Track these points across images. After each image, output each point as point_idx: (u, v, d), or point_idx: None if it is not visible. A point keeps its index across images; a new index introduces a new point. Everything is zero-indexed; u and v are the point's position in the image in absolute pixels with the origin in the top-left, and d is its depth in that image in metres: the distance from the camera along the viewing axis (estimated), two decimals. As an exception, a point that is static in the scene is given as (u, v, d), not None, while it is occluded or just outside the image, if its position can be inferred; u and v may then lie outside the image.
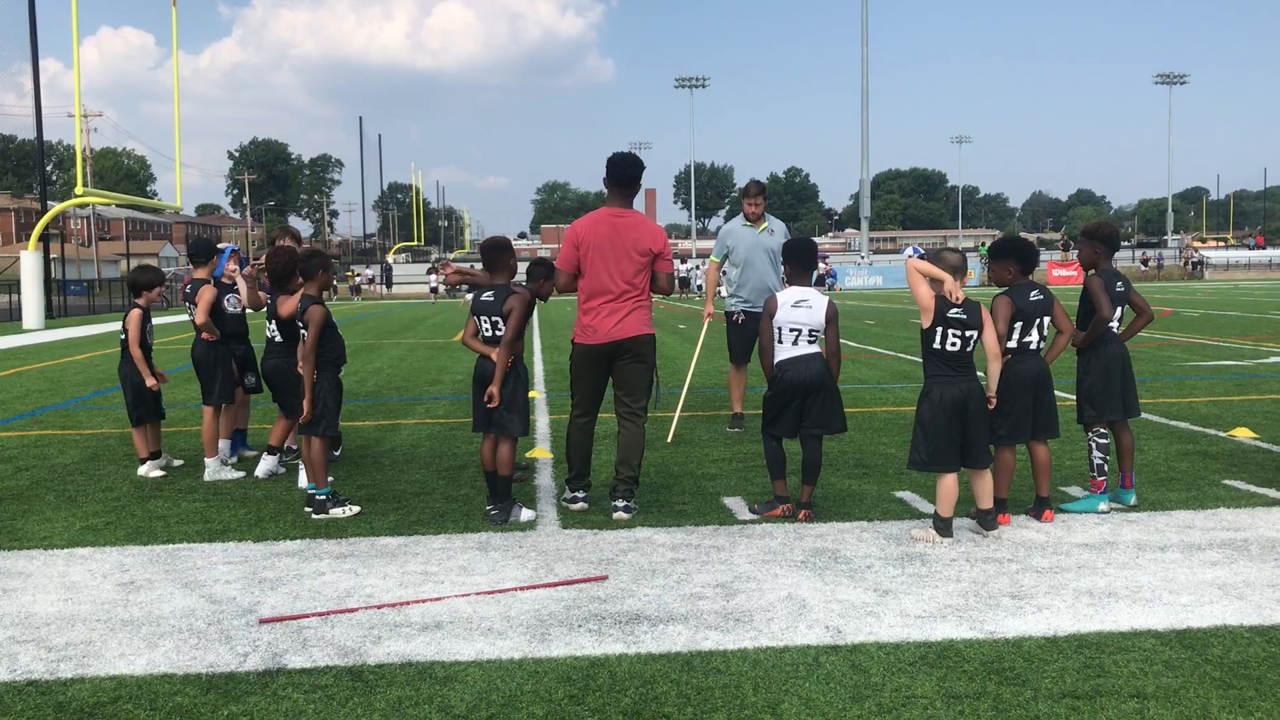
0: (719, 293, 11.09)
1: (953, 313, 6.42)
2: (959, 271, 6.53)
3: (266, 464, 8.78)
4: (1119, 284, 7.26)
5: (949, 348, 6.47)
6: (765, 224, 10.42)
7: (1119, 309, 7.25)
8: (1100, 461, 7.22)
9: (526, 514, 7.21)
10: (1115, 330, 7.28)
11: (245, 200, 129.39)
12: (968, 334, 6.46)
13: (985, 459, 6.60)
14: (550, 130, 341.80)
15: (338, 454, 9.53)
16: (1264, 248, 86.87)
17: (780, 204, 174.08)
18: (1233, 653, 4.69)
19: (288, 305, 8.15)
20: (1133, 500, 7.33)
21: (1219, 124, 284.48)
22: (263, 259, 8.80)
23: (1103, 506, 7.18)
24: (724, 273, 10.96)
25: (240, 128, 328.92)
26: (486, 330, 7.14)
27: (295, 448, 9.18)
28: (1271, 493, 7.64)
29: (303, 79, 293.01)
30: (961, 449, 6.50)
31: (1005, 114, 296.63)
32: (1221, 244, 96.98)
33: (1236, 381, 14.22)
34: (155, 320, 9.47)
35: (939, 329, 6.45)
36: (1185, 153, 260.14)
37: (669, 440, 10.10)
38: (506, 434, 7.12)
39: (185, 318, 11.98)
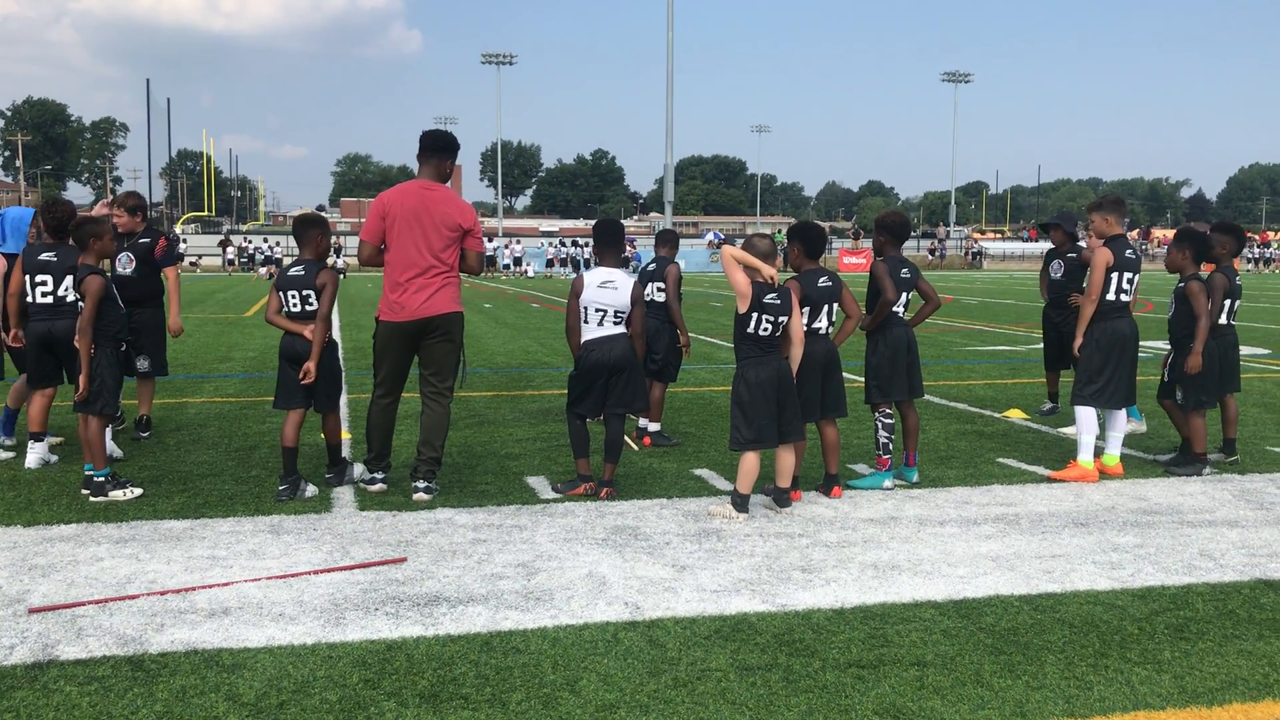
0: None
1: (769, 298, 6.58)
2: (770, 258, 6.70)
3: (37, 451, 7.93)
4: (904, 270, 7.59)
5: (761, 332, 6.63)
6: None
7: (905, 294, 7.59)
8: (885, 440, 7.56)
9: (311, 489, 7.19)
10: (902, 315, 7.62)
11: (18, 163, 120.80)
12: (780, 319, 6.64)
13: (801, 432, 6.81)
14: (352, 101, 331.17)
15: (147, 434, 9.08)
16: (1037, 240, 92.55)
17: (586, 186, 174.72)
18: (1004, 620, 4.99)
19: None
20: (915, 478, 7.70)
21: (999, 122, 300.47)
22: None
23: (887, 483, 7.52)
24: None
25: (13, 85, 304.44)
26: (295, 305, 7.07)
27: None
28: (1040, 470, 8.16)
29: (85, 36, 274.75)
30: (778, 425, 6.67)
31: (802, 105, 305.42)
32: (999, 236, 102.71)
33: (1010, 366, 15.12)
34: None
35: (755, 314, 6.60)
36: (968, 148, 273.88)
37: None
38: (330, 410, 7.26)
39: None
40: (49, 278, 7.77)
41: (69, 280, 7.70)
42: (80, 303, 7.05)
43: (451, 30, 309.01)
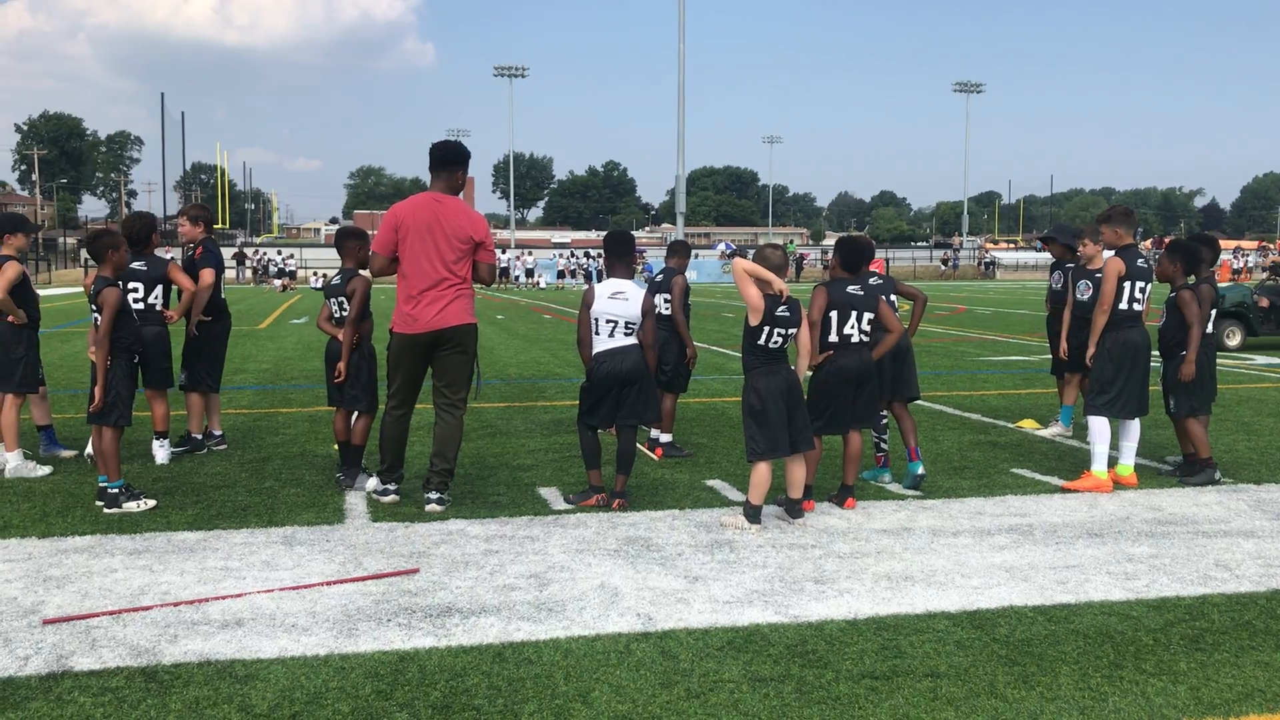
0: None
1: (780, 311, 6.59)
2: (781, 270, 6.71)
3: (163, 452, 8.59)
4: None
5: (771, 345, 6.64)
6: None
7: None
8: (875, 439, 8.08)
9: (372, 482, 7.45)
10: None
11: (34, 177, 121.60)
12: (790, 331, 6.66)
13: (811, 441, 6.81)
14: (366, 114, 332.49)
15: (214, 447, 9.12)
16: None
17: (598, 197, 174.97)
18: (1018, 631, 4.97)
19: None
20: (920, 470, 7.76)
21: (1011, 132, 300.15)
22: None
23: (885, 477, 8.06)
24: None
25: (29, 99, 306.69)
26: (337, 311, 7.83)
27: (218, 433, 9.25)
28: (1054, 480, 8.13)
29: (100, 51, 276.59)
30: (790, 434, 6.67)
31: (814, 116, 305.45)
32: (1012, 246, 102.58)
33: (1024, 375, 15.07)
34: None
35: (766, 327, 6.61)
36: (980, 158, 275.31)
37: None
38: (356, 411, 7.75)
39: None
40: (140, 285, 8.39)
41: (159, 289, 8.47)
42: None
43: (464, 43, 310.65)
